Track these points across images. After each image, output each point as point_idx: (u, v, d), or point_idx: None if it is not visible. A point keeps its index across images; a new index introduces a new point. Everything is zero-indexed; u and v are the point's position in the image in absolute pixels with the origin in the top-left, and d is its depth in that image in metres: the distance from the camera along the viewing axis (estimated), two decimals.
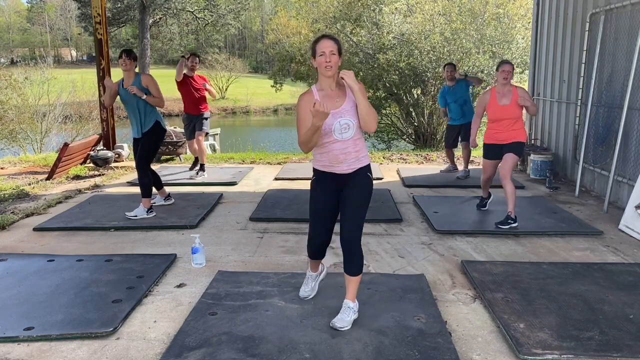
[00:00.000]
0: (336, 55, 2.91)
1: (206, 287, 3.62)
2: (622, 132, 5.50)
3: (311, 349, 2.80)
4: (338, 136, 2.95)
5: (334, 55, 2.89)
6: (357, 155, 3.00)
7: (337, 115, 2.93)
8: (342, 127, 2.93)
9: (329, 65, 2.89)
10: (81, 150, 8.36)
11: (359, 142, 3.01)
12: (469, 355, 2.80)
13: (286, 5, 50.83)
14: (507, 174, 4.99)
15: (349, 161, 2.99)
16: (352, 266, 3.02)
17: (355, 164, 3.01)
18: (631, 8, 5.59)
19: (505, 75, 5.01)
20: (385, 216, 5.35)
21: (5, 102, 16.32)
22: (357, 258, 3.01)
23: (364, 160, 3.04)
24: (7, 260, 4.18)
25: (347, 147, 2.97)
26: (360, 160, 3.03)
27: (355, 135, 2.98)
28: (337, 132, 2.94)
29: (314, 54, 2.94)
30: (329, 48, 2.89)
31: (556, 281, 3.68)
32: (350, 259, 3.01)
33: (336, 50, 2.91)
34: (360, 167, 3.03)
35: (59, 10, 70.72)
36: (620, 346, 2.82)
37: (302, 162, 8.89)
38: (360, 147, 3.02)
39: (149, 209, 5.40)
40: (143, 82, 5.31)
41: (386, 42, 15.89)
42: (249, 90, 43.62)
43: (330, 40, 2.92)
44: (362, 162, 3.04)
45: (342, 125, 2.93)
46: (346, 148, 2.97)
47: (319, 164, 3.07)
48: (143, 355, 2.82)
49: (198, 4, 30.86)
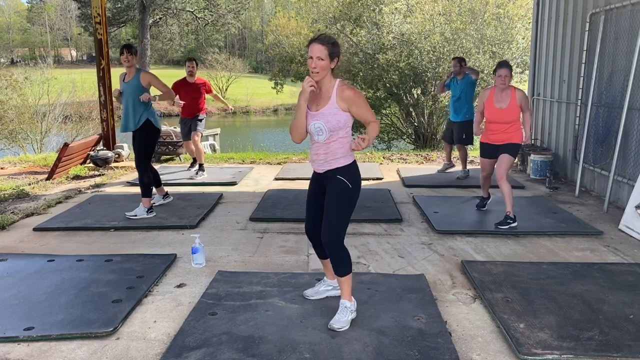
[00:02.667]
0: (325, 60, 2.87)
1: (206, 287, 3.62)
2: (622, 132, 5.50)
3: (311, 349, 2.80)
4: (315, 137, 3.05)
5: (321, 61, 2.87)
6: (325, 157, 3.03)
7: (315, 117, 2.99)
8: (317, 129, 3.00)
9: (314, 71, 2.91)
10: (81, 150, 8.36)
11: (332, 146, 3.01)
12: (469, 355, 2.80)
13: (286, 5, 50.86)
14: (502, 175, 5.01)
15: (318, 162, 3.07)
16: (335, 268, 3.07)
17: (324, 165, 3.06)
18: (631, 8, 5.59)
19: (502, 81, 4.94)
20: (385, 216, 5.35)
21: (6, 102, 16.32)
22: (338, 259, 3.03)
23: (333, 163, 3.03)
24: (7, 260, 4.18)
25: (319, 148, 3.04)
26: (330, 163, 3.04)
27: (329, 139, 3.00)
28: (313, 134, 3.04)
29: None
30: (316, 53, 2.87)
31: (556, 281, 3.68)
32: (333, 261, 3.06)
33: (325, 56, 2.87)
34: (329, 169, 3.05)
35: (59, 10, 70.72)
36: (620, 346, 2.82)
37: (302, 162, 8.89)
38: (333, 150, 3.01)
39: (149, 208, 5.40)
40: (142, 81, 5.28)
41: (386, 42, 15.89)
42: (249, 91, 43.61)
43: (319, 45, 2.88)
44: (332, 164, 3.04)
45: (317, 128, 2.99)
46: (318, 149, 3.05)
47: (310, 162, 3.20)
48: (143, 355, 2.82)
49: (198, 4, 30.88)
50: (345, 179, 3.03)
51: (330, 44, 2.91)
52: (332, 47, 2.91)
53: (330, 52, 2.90)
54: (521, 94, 5.03)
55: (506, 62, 5.13)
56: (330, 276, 3.42)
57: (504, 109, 4.99)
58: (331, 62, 2.92)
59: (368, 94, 16.60)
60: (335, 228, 3.02)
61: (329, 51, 2.89)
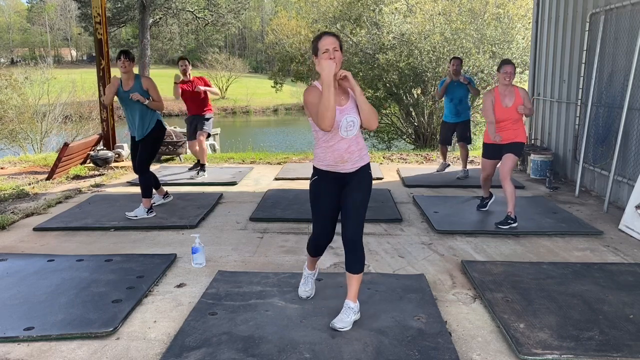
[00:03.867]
0: (339, 51, 2.90)
1: (206, 287, 3.62)
2: (622, 132, 5.50)
3: (311, 349, 2.80)
4: (344, 134, 2.95)
5: (337, 51, 2.88)
6: (360, 153, 3.02)
7: (344, 112, 2.93)
8: (348, 124, 2.93)
9: (334, 61, 2.86)
10: (81, 150, 8.36)
11: (360, 140, 3.04)
12: (469, 355, 2.81)
13: (286, 5, 50.84)
14: (506, 175, 5.01)
15: (353, 159, 3.01)
16: (355, 264, 3.02)
17: (359, 162, 3.04)
18: (631, 8, 5.59)
19: (507, 77, 5.03)
20: (385, 216, 5.35)
21: (6, 102, 16.33)
22: (360, 255, 3.03)
23: (365, 157, 3.07)
24: (7, 260, 4.18)
25: (351, 145, 2.98)
26: (363, 158, 3.05)
27: (357, 134, 3.01)
28: (342, 130, 2.94)
29: (316, 51, 2.91)
30: (332, 45, 2.86)
31: (556, 281, 3.68)
32: (354, 257, 3.01)
33: (338, 47, 2.90)
34: (362, 165, 3.05)
35: (59, 10, 70.71)
36: (620, 346, 2.82)
37: (302, 162, 8.89)
38: (362, 145, 3.05)
39: (149, 209, 5.40)
40: (144, 86, 5.24)
41: (386, 42, 15.88)
42: (249, 90, 43.61)
43: (331, 37, 2.91)
44: (365, 159, 3.07)
45: (349, 122, 2.93)
46: (350, 146, 2.98)
47: (322, 164, 3.05)
48: (143, 355, 2.82)
49: (198, 4, 30.89)
50: (371, 173, 3.09)
51: (338, 37, 2.96)
52: (340, 40, 2.95)
53: (341, 44, 2.93)
54: (524, 91, 5.15)
55: (510, 60, 5.24)
56: (310, 266, 3.44)
57: (510, 107, 5.06)
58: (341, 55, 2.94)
59: (368, 94, 16.59)
60: (363, 223, 3.03)
61: (340, 43, 2.92)
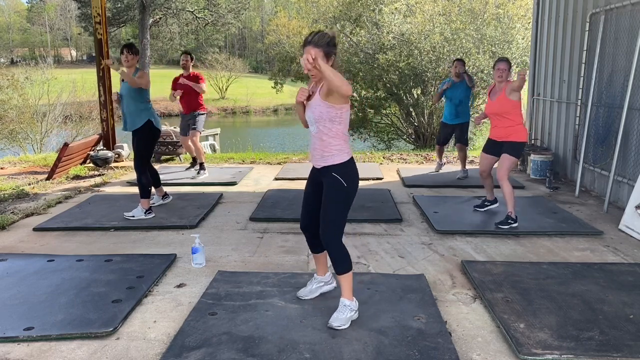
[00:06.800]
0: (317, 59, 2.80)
1: (206, 287, 3.62)
2: (622, 132, 5.50)
3: (311, 349, 2.80)
4: (311, 129, 3.06)
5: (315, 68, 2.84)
6: (322, 152, 3.03)
7: (309, 108, 3.03)
8: (310, 120, 3.03)
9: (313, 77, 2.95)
10: (81, 150, 8.36)
11: (325, 140, 3.00)
12: (469, 355, 2.81)
13: (286, 5, 50.85)
14: (503, 176, 5.02)
15: (315, 157, 3.07)
16: (334, 265, 3.08)
17: (320, 161, 3.05)
18: (631, 8, 5.59)
19: (500, 74, 5.07)
20: (385, 216, 5.35)
21: (6, 101, 16.32)
22: (334, 256, 3.05)
23: (329, 159, 3.02)
24: (7, 260, 4.18)
25: (315, 142, 3.05)
26: (325, 159, 3.03)
27: (320, 132, 2.99)
28: (310, 125, 3.06)
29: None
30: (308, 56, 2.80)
31: (556, 281, 3.68)
32: (330, 258, 3.07)
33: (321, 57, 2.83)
34: (325, 166, 3.04)
35: (59, 10, 70.74)
36: (620, 346, 2.82)
37: (302, 162, 8.89)
38: (328, 145, 3.00)
39: (147, 210, 5.39)
40: (137, 75, 5.30)
41: (386, 42, 15.88)
42: (249, 90, 43.62)
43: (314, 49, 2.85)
44: (328, 161, 3.02)
45: (309, 119, 3.03)
46: (314, 143, 3.05)
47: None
48: (143, 355, 2.82)
49: (198, 4, 30.88)
50: (340, 177, 3.02)
51: (325, 44, 2.88)
52: (327, 47, 2.89)
53: (326, 52, 2.89)
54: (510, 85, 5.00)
55: (505, 57, 5.26)
56: (321, 272, 3.43)
57: (494, 101, 5.11)
58: (328, 61, 2.90)
59: (368, 94, 16.59)
60: (333, 226, 3.03)
61: (324, 52, 2.88)
